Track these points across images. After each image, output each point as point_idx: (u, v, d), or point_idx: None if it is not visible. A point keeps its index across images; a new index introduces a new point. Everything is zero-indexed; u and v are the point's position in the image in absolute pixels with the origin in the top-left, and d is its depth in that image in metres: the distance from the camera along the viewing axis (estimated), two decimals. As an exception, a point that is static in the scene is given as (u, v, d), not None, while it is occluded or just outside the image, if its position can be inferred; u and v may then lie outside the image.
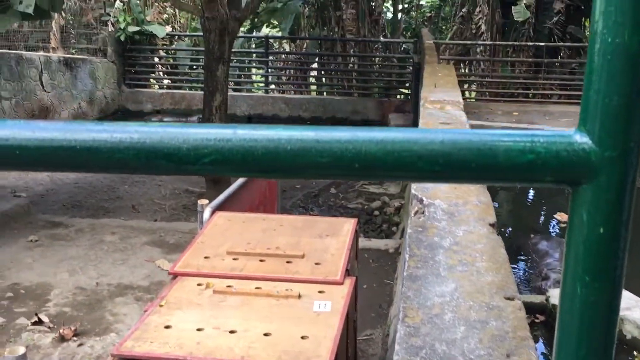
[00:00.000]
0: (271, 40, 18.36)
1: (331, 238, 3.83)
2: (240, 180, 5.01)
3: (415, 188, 2.36)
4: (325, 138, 0.55)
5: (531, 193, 10.72)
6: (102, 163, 0.58)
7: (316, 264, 3.34)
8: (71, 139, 0.57)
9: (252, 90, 16.72)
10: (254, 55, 17.73)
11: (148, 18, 15.35)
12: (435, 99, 4.46)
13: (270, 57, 16.75)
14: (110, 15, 14.70)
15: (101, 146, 0.57)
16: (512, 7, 13.77)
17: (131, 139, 0.57)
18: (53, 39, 14.28)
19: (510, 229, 8.40)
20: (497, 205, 9.41)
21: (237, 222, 4.10)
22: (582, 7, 15.99)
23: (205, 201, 4.36)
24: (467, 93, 15.73)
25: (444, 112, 4.12)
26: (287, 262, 3.38)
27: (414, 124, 12.55)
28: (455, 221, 2.02)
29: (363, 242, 6.83)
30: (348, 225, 4.02)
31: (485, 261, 2.05)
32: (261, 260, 3.41)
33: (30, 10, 5.32)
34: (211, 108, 8.14)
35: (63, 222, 7.39)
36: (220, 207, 4.45)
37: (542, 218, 8.91)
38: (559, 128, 11.27)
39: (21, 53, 12.11)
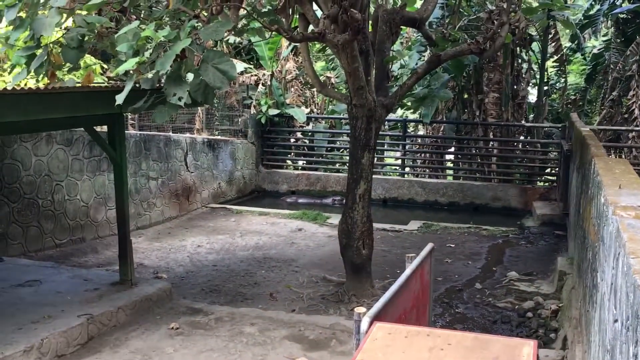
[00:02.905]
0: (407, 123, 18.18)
1: (510, 365, 3.32)
2: (398, 282, 4.60)
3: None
4: None
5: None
6: None
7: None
8: None
9: (387, 173, 16.46)
10: (388, 137, 17.57)
11: (287, 100, 15.69)
12: (628, 204, 3.89)
13: (407, 140, 16.51)
14: (252, 99, 15.17)
15: None
16: (674, 91, 12.75)
17: None
18: (198, 121, 14.89)
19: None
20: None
21: (399, 337, 3.67)
22: None
23: (363, 309, 3.98)
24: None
25: (643, 221, 3.56)
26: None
27: (564, 214, 11.69)
28: None
29: (519, 351, 6.14)
30: (528, 349, 3.48)
31: None
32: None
33: (182, 103, 5.37)
34: (355, 196, 7.88)
35: (203, 308, 7.27)
36: (378, 314, 4.07)
37: None
38: None
39: (169, 135, 12.65)
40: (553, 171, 15.25)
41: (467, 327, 7.34)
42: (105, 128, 8.26)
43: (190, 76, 5.94)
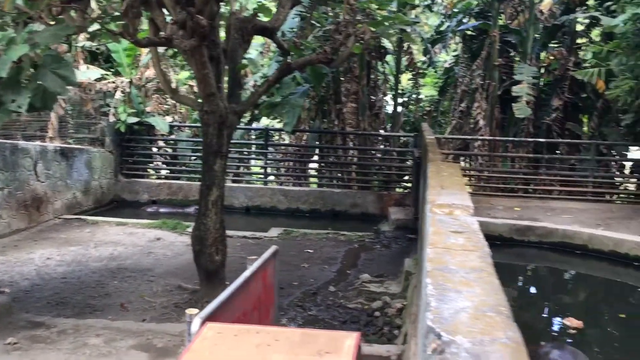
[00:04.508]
0: (271, 132, 18.41)
1: (332, 356, 3.47)
2: (235, 284, 4.68)
3: (432, 318, 2.04)
4: None
5: (533, 290, 10.35)
6: None
7: (315, 391, 2.98)
8: None
9: (251, 181, 16.56)
10: (254, 146, 17.74)
11: (148, 109, 15.39)
12: (443, 202, 4.21)
13: (270, 149, 16.71)
14: (110, 106, 14.73)
15: None
16: (513, 104, 13.82)
17: None
18: (50, 129, 14.23)
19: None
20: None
21: (229, 336, 3.73)
22: (580, 105, 16.13)
23: (195, 310, 4.01)
24: (468, 188, 15.60)
25: (453, 218, 3.87)
26: (282, 388, 3.02)
27: (415, 218, 12.30)
28: (484, 368, 1.70)
29: (363, 348, 6.41)
30: (350, 340, 3.66)
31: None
32: (252, 386, 3.05)
33: (22, 110, 5.17)
34: (207, 202, 7.88)
35: (45, 322, 6.97)
36: (212, 315, 4.11)
37: (550, 323, 8.49)
38: (561, 225, 11.03)
39: (16, 143, 12.00)
40: (409, 178, 16.01)
41: (318, 328, 7.54)
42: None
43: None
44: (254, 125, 17.88)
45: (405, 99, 20.16)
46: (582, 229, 10.59)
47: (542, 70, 16.11)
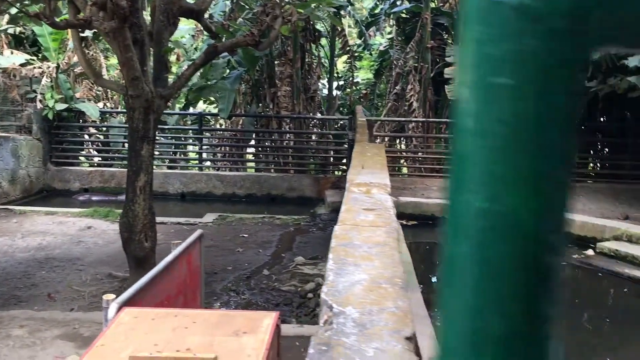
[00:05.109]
0: (208, 117, 18.20)
1: (249, 336, 3.48)
2: (157, 268, 4.62)
3: (326, 291, 2.07)
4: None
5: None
6: None
7: (228, 369, 2.99)
8: None
9: (188, 167, 16.35)
10: (190, 132, 17.49)
11: (78, 95, 14.96)
12: (361, 181, 4.26)
13: (206, 134, 16.52)
14: (36, 92, 14.26)
15: None
16: (445, 85, 14.03)
17: None
18: (-26, 117, 13.71)
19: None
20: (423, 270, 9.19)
21: (146, 320, 3.69)
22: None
23: (112, 296, 3.95)
24: (405, 169, 15.82)
25: (369, 196, 3.91)
26: (197, 367, 3.02)
27: (350, 200, 12.40)
28: (366, 335, 1.73)
29: (295, 329, 6.47)
30: (268, 319, 3.67)
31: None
32: (166, 367, 3.04)
33: None
34: (135, 188, 7.73)
35: (-34, 315, 6.75)
36: (131, 301, 4.05)
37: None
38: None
39: (-64, 131, 11.53)
40: (346, 161, 16.12)
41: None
42: None
43: None
44: (190, 110, 17.63)
45: (342, 82, 20.23)
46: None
47: (474, 52, 16.37)
